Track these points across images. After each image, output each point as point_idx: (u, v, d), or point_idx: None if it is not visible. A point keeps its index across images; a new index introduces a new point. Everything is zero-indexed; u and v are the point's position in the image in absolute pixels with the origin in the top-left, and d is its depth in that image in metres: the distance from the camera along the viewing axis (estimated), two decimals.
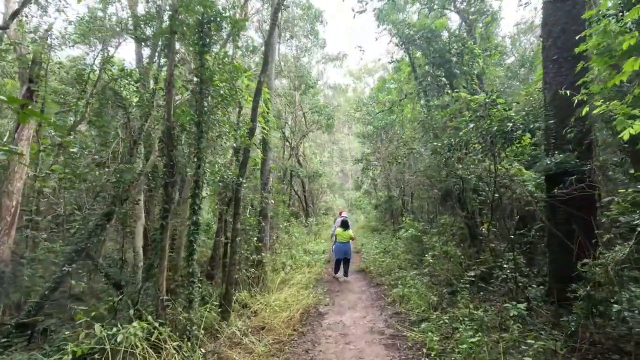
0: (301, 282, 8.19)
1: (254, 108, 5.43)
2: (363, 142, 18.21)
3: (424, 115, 7.72)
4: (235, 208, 5.19)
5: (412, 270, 9.21)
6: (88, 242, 4.83)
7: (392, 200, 14.71)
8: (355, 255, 12.97)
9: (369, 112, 15.03)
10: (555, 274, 4.99)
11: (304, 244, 14.06)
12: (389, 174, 13.48)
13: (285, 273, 8.02)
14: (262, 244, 7.79)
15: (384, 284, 9.05)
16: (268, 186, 7.97)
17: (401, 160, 6.88)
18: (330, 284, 9.32)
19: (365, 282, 9.57)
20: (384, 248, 11.69)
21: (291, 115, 17.63)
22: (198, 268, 4.60)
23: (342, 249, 9.46)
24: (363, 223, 23.10)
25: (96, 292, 5.27)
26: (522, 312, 4.26)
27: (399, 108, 11.40)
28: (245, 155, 5.33)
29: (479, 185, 6.46)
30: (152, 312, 4.14)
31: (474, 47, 8.10)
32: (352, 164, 21.33)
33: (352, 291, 8.63)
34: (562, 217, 4.86)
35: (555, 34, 5.24)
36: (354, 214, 27.93)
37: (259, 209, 7.99)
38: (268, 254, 7.92)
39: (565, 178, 4.54)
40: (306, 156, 23.23)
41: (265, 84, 8.47)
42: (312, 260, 11.12)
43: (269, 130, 7.68)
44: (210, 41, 4.42)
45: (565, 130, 4.69)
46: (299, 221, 18.14)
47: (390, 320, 6.22)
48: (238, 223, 5.16)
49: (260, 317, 5.82)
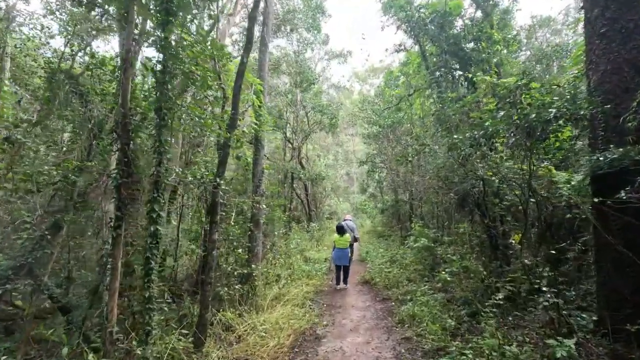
0: (298, 297, 7.27)
1: (234, 94, 4.57)
2: (369, 143, 17.26)
3: (438, 107, 6.77)
4: (212, 215, 4.30)
5: (423, 283, 8.25)
6: (30, 256, 4.00)
7: (399, 204, 13.73)
8: (360, 265, 12.01)
9: (375, 110, 14.10)
10: (607, 298, 4.00)
11: (305, 251, 13.15)
12: (397, 174, 12.50)
13: (280, 287, 7.10)
14: (253, 254, 6.90)
15: (391, 299, 8.08)
16: (261, 189, 7.08)
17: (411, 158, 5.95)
18: (331, 296, 8.38)
19: (370, 295, 8.59)
20: (391, 257, 10.71)
21: (293, 115, 16.79)
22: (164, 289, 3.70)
23: (338, 255, 8.80)
24: (369, 228, 22.09)
25: (41, 315, 4.44)
26: (572, 352, 3.28)
27: (407, 104, 10.45)
28: (224, 152, 4.45)
29: (503, 188, 5.48)
30: (97, 348, 3.26)
31: (493, 32, 7.16)
32: (357, 166, 20.39)
33: (355, 307, 7.66)
34: (616, 228, 3.88)
35: (603, 3, 4.28)
36: (359, 218, 26.96)
37: (251, 215, 7.09)
38: (260, 265, 7.01)
39: (624, 177, 3.56)
40: (309, 158, 22.36)
41: (258, 74, 7.62)
42: (312, 270, 10.20)
43: (261, 125, 6.81)
44: (178, 9, 3.57)
45: (622, 119, 3.71)
46: (301, 226, 17.24)
47: (399, 348, 5.25)
48: (215, 233, 4.27)
49: (244, 344, 4.89)
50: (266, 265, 7.96)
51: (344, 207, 32.51)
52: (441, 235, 8.99)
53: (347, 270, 9.08)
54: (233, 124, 4.49)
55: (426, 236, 8.88)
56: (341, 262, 8.88)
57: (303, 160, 20.45)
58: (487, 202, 5.47)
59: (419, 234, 9.05)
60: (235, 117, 4.51)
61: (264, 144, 7.28)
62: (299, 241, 14.31)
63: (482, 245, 5.45)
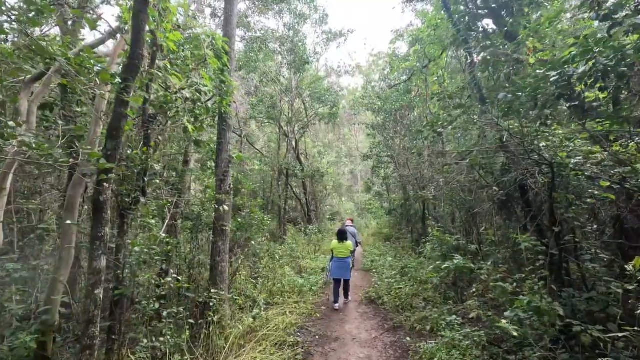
0: (279, 329, 5.39)
1: (134, 29, 2.67)
2: (373, 135, 15.32)
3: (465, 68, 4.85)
4: (95, 221, 2.45)
5: (446, 305, 6.34)
6: None
7: (409, 204, 11.77)
8: (364, 277, 10.09)
9: (379, 96, 12.13)
10: None
11: (300, 259, 11.28)
12: (407, 167, 10.50)
13: (254, 318, 5.21)
14: (215, 273, 5.02)
15: (404, 327, 6.19)
16: (227, 185, 5.22)
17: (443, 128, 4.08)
18: (327, 322, 6.49)
19: (376, 321, 6.68)
20: (402, 268, 8.78)
21: (288, 105, 14.90)
22: None
23: (338, 267, 7.39)
24: (374, 230, 20.13)
25: None
26: None
27: (421, 78, 8.48)
28: (116, 112, 2.58)
29: (581, 180, 3.55)
30: None
31: None
32: (361, 161, 18.47)
33: (357, 339, 5.77)
34: None
35: None
36: (364, 218, 25.03)
37: (214, 218, 5.21)
38: (226, 288, 5.12)
39: None
40: (308, 154, 20.50)
41: (223, 30, 5.76)
42: (305, 284, 8.32)
43: (226, 95, 4.94)
44: None
45: None
46: (298, 229, 15.37)
47: None
48: (101, 258, 2.39)
49: None
50: (239, 285, 6.08)
51: (348, 207, 30.69)
52: (466, 242, 7.05)
53: (347, 284, 7.68)
54: (132, 66, 2.65)
55: (448, 244, 6.95)
56: (341, 275, 7.41)
57: (302, 156, 18.59)
58: (557, 201, 3.55)
59: (439, 241, 7.12)
60: (137, 53, 2.64)
61: (230, 123, 5.41)
62: (294, 246, 12.45)
63: (552, 267, 3.54)
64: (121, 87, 2.59)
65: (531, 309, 2.94)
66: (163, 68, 3.56)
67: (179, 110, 3.88)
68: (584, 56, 2.43)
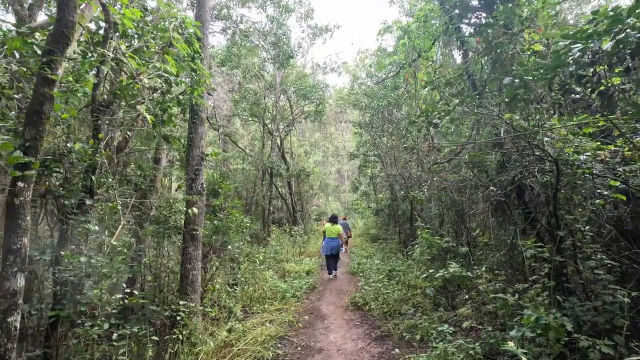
0: (257, 342, 4.92)
1: None
2: (360, 134, 14.96)
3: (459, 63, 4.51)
4: (7, 230, 1.93)
5: (436, 312, 5.99)
6: None
7: (396, 204, 11.46)
8: (351, 280, 9.70)
9: (367, 92, 11.75)
10: None
11: (284, 262, 10.81)
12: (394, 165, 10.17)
13: (229, 331, 4.73)
14: (186, 282, 4.52)
15: (392, 336, 5.80)
16: (198, 184, 4.72)
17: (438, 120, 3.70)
18: (310, 332, 6.06)
19: (363, 329, 6.29)
20: (389, 271, 8.42)
21: (272, 102, 14.38)
22: None
23: (329, 245, 9.44)
24: (361, 230, 19.80)
25: None
26: None
27: (409, 72, 8.12)
28: (34, 100, 2.05)
29: (583, 178, 3.23)
30: None
31: None
32: (348, 160, 18.12)
33: (342, 351, 5.36)
34: None
35: None
36: (350, 218, 24.72)
37: (184, 221, 4.70)
38: (196, 301, 4.62)
39: None
40: (294, 153, 20.02)
41: (196, 14, 5.26)
42: (289, 290, 7.88)
43: (197, 85, 4.44)
44: None
45: None
46: (282, 230, 14.87)
47: None
48: (17, 278, 1.88)
49: None
50: (213, 295, 5.58)
51: (334, 206, 30.37)
52: (456, 245, 6.74)
53: (336, 259, 9.81)
54: (59, 35, 2.15)
55: (438, 246, 6.63)
56: (331, 251, 9.42)
57: (287, 155, 18.09)
58: (559, 202, 3.21)
59: (428, 243, 6.78)
60: (65, 19, 2.15)
61: (203, 116, 4.90)
62: (278, 248, 11.97)
63: (558, 275, 3.20)
64: (44, 60, 2.08)
65: (539, 326, 2.59)
66: (117, 48, 3.06)
67: (139, 100, 3.38)
68: (613, 26, 2.05)
